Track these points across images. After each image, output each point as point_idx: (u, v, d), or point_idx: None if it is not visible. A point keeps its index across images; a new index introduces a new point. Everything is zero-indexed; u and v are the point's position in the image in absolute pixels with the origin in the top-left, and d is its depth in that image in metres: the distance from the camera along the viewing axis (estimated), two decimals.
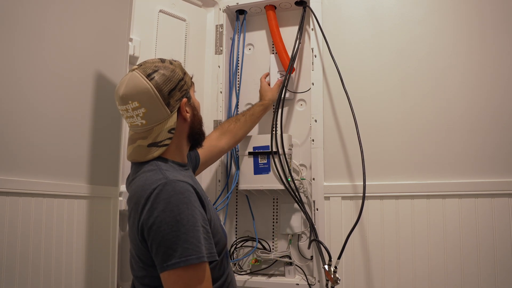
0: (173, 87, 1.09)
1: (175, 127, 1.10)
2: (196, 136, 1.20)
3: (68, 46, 1.34)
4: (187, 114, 1.14)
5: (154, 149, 1.09)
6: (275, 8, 1.77)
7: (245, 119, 1.58)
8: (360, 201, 1.46)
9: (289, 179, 1.57)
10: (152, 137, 1.09)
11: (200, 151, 1.41)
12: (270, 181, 1.60)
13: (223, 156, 1.74)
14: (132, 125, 1.11)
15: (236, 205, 1.78)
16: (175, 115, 1.11)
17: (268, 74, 1.75)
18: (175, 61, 1.16)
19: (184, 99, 1.12)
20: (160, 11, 1.64)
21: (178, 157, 1.15)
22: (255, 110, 1.61)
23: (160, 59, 1.14)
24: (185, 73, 1.15)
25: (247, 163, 1.64)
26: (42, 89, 1.25)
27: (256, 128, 1.78)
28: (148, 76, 1.07)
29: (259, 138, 1.65)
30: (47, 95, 1.27)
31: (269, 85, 1.72)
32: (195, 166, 1.41)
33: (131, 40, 1.49)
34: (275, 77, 1.73)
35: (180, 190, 0.99)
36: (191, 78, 1.18)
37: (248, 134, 1.74)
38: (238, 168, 1.68)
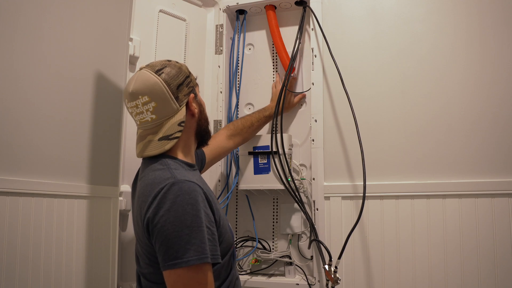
0: (181, 82, 1.13)
1: (184, 120, 1.12)
2: (203, 133, 1.22)
3: (68, 46, 1.34)
4: (195, 109, 1.16)
5: (165, 142, 1.10)
6: (275, 8, 1.77)
7: (258, 124, 1.60)
8: (360, 201, 1.46)
9: (289, 179, 1.57)
10: (163, 131, 1.10)
11: (207, 150, 1.43)
12: (270, 181, 1.60)
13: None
14: (141, 122, 1.12)
15: (236, 205, 1.78)
16: (183, 109, 1.13)
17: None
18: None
19: (192, 95, 1.15)
20: (160, 11, 1.64)
21: (187, 156, 1.17)
22: (267, 114, 1.62)
23: (166, 59, 1.17)
24: (190, 72, 1.19)
25: (247, 163, 1.64)
26: (42, 89, 1.26)
27: None
28: (157, 72, 1.10)
29: (259, 138, 1.65)
30: (47, 95, 1.27)
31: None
32: (201, 166, 1.42)
33: (131, 40, 1.49)
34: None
35: (187, 190, 1.00)
36: (196, 79, 1.22)
37: None
38: (238, 168, 1.68)
